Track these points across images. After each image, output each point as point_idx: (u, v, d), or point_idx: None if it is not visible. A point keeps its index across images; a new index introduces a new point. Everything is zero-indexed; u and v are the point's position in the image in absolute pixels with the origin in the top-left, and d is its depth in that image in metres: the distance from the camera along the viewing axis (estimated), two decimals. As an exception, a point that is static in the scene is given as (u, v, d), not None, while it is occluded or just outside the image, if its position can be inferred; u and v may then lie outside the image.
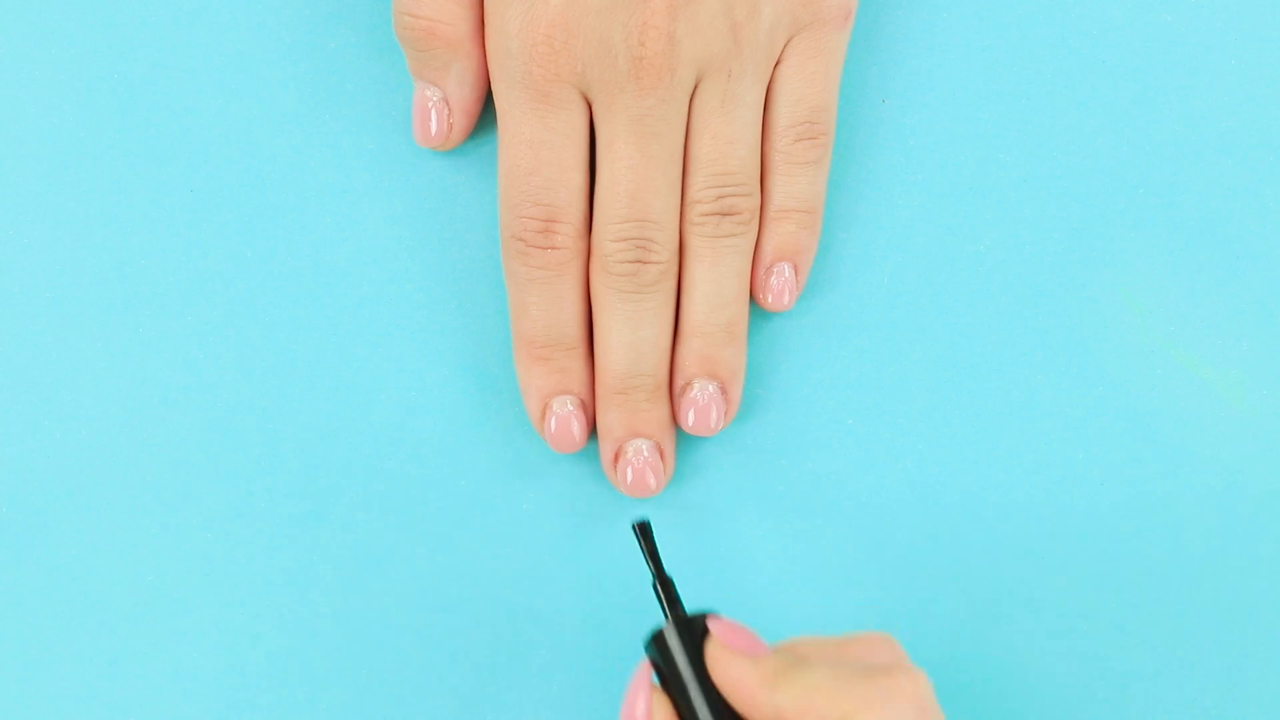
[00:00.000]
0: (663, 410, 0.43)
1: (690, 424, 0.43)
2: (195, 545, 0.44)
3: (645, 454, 0.43)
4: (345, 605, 0.44)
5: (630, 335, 0.42)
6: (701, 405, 0.43)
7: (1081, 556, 0.45)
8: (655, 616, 0.44)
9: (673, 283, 0.43)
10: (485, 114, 0.45)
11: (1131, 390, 0.45)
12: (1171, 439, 0.45)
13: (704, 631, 0.38)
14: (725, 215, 0.43)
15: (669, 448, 0.44)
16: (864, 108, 0.46)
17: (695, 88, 0.42)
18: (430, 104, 0.44)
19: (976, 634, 0.44)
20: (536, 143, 0.42)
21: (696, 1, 0.41)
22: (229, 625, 0.44)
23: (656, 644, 0.38)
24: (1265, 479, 0.45)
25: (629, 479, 0.43)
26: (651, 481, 0.43)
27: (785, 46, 0.43)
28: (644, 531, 0.40)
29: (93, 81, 0.46)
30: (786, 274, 0.44)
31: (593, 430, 0.44)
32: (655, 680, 0.38)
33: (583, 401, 0.43)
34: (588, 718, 0.44)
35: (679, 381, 0.44)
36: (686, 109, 0.42)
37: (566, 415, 0.43)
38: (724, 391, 0.43)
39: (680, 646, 0.37)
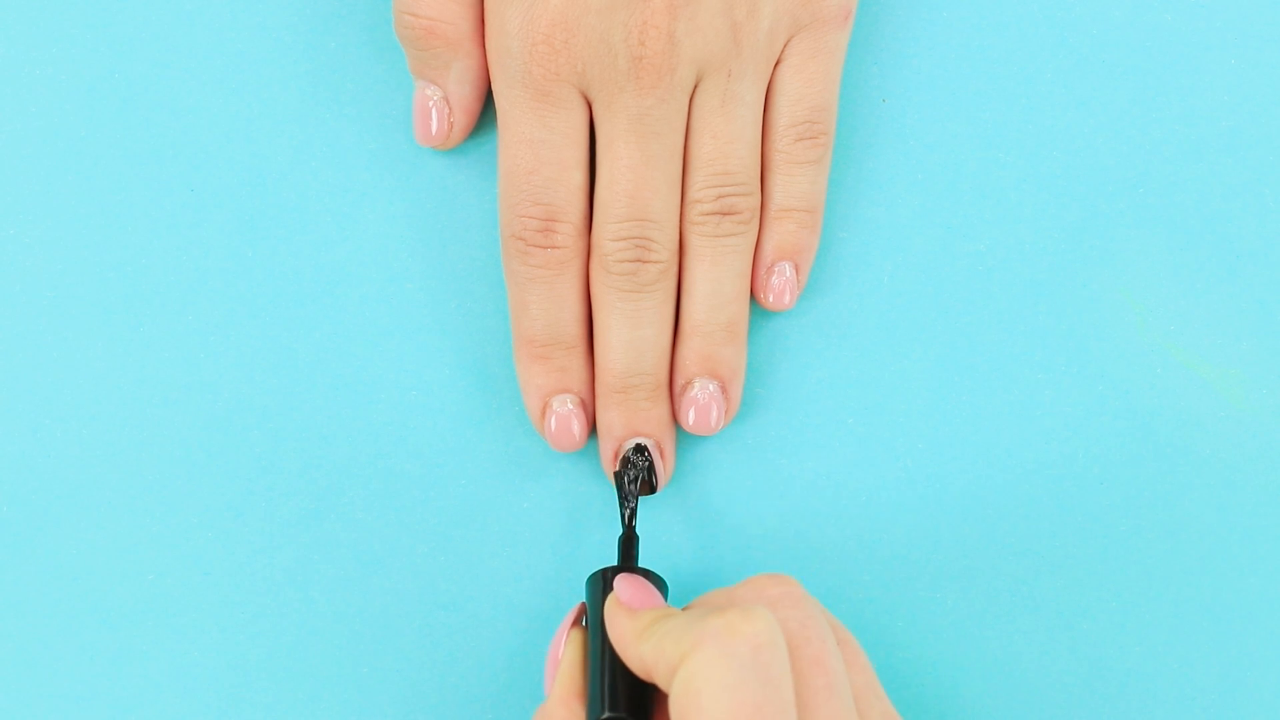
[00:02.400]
0: (663, 409, 0.43)
1: (690, 423, 0.43)
2: (195, 545, 0.44)
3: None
4: (345, 605, 0.44)
5: (630, 334, 0.42)
6: (702, 404, 0.43)
7: (1081, 556, 0.45)
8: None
9: (672, 282, 0.43)
10: (485, 113, 0.45)
11: (1131, 390, 0.45)
12: (1171, 439, 0.45)
13: None
14: (725, 215, 0.43)
15: (669, 447, 0.44)
16: (864, 108, 0.46)
17: (695, 87, 0.42)
18: (431, 103, 0.44)
19: (976, 633, 0.44)
20: (536, 142, 0.42)
21: (696, 1, 0.41)
22: (229, 625, 0.44)
23: (589, 587, 0.40)
24: (1265, 479, 0.45)
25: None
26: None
27: (785, 46, 0.43)
28: (623, 483, 0.42)
29: (93, 81, 0.46)
30: (787, 273, 0.44)
31: (593, 429, 0.44)
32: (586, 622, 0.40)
33: (583, 400, 0.43)
34: (588, 718, 0.44)
35: (679, 380, 0.44)
36: (686, 108, 0.42)
37: (566, 414, 0.43)
38: (724, 391, 0.43)
39: (596, 594, 0.40)
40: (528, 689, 0.44)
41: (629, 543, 0.42)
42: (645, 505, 0.45)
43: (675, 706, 0.34)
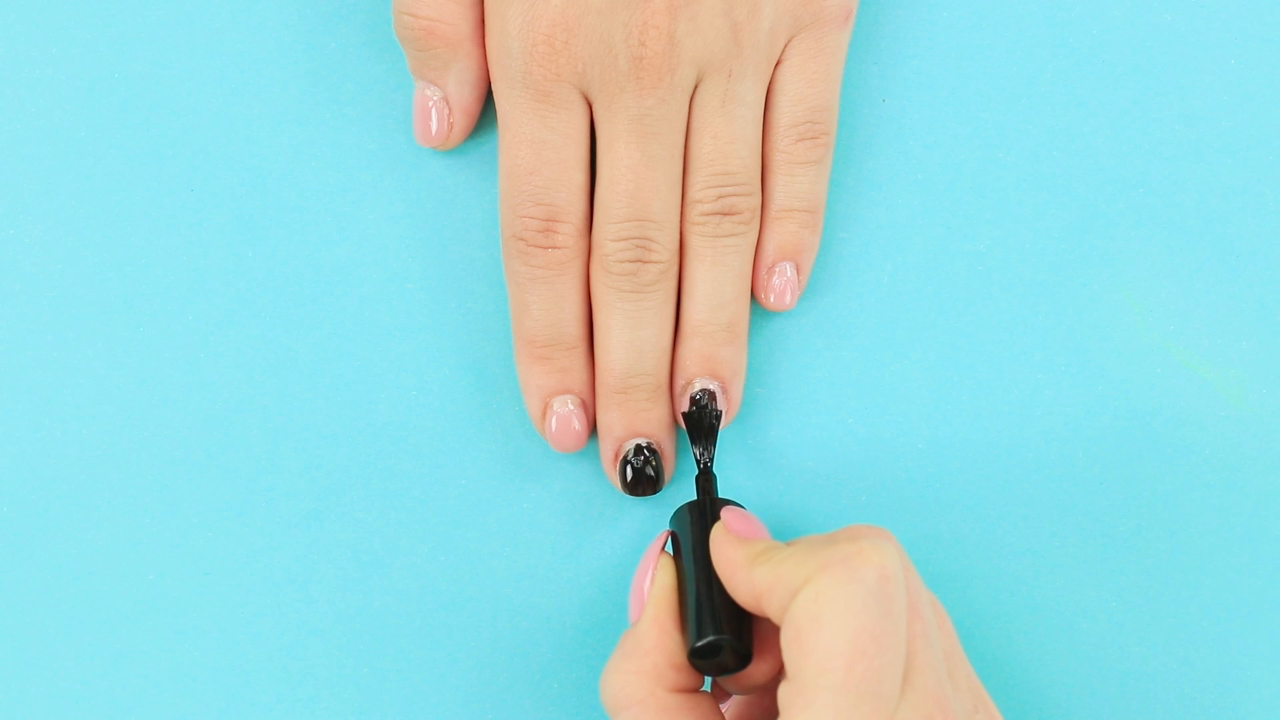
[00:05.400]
0: (663, 410, 0.44)
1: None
2: (195, 545, 0.44)
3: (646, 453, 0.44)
4: (346, 604, 0.44)
5: (630, 335, 0.42)
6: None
7: (1081, 555, 0.45)
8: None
9: (673, 282, 0.43)
10: (485, 114, 0.45)
11: (1131, 390, 0.45)
12: (1171, 439, 0.45)
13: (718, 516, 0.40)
14: (726, 215, 0.43)
15: (669, 448, 0.44)
16: (864, 108, 0.46)
17: (696, 87, 0.42)
18: (430, 103, 0.44)
19: (977, 634, 0.44)
20: (537, 142, 0.42)
21: (697, 1, 0.41)
22: (229, 625, 0.44)
23: (678, 518, 0.40)
24: (1265, 479, 0.45)
25: (628, 477, 0.43)
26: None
27: (786, 46, 0.43)
28: (698, 420, 0.42)
29: (93, 81, 0.46)
30: (789, 273, 0.44)
31: (593, 430, 0.44)
32: (671, 550, 0.40)
33: (583, 401, 0.43)
34: (587, 717, 0.44)
35: (680, 381, 0.44)
36: (687, 108, 0.42)
37: (567, 414, 0.43)
38: (724, 391, 0.44)
39: (690, 524, 0.40)
40: (528, 689, 0.44)
41: (706, 478, 0.42)
42: (644, 504, 0.45)
43: (792, 627, 0.34)
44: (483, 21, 0.43)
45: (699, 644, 0.38)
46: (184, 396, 0.45)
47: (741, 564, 0.37)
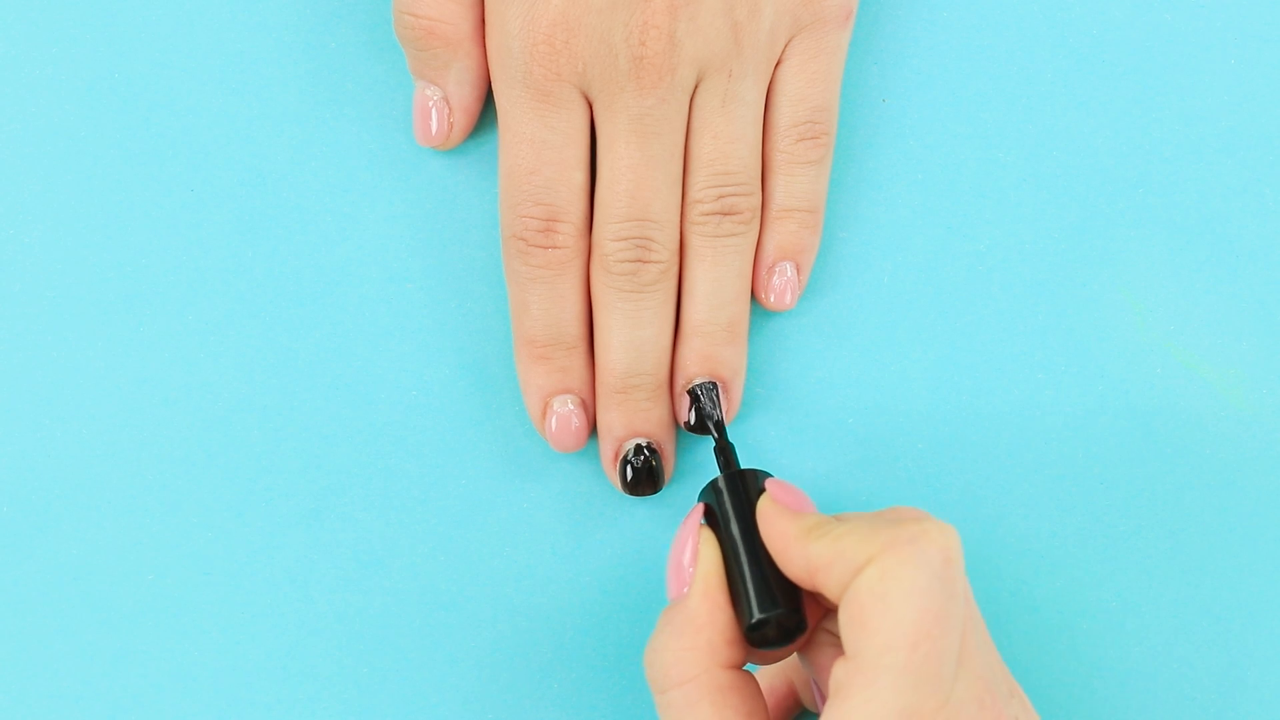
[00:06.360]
0: (663, 409, 0.44)
1: (691, 423, 0.43)
2: (195, 545, 0.44)
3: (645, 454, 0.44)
4: (346, 604, 0.44)
5: (630, 334, 0.42)
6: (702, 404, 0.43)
7: (1081, 555, 0.45)
8: (654, 617, 0.44)
9: (673, 282, 0.43)
10: (486, 113, 0.45)
11: (1131, 390, 0.45)
12: (1171, 439, 0.45)
13: (760, 489, 0.39)
14: (726, 215, 0.43)
15: (669, 447, 0.44)
16: (864, 108, 0.46)
17: (696, 87, 0.42)
18: (431, 103, 0.44)
19: (977, 634, 0.44)
20: (537, 142, 0.42)
21: (697, 1, 0.41)
22: (229, 625, 0.44)
23: (713, 491, 0.40)
24: (1265, 479, 0.45)
25: (628, 477, 0.43)
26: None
27: (786, 46, 0.43)
28: (709, 394, 0.42)
29: (93, 81, 0.46)
30: (789, 273, 0.44)
31: (593, 430, 0.44)
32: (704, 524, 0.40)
33: (583, 400, 0.43)
34: (588, 717, 0.44)
35: (680, 381, 0.44)
36: (687, 108, 0.42)
37: (567, 414, 0.43)
38: (725, 391, 0.44)
39: (728, 496, 0.39)
40: (528, 688, 0.44)
41: (726, 451, 0.41)
42: (644, 504, 0.45)
43: (854, 606, 0.34)
44: (483, 21, 0.43)
45: (759, 618, 0.37)
46: (184, 396, 0.45)
47: (795, 537, 0.37)
